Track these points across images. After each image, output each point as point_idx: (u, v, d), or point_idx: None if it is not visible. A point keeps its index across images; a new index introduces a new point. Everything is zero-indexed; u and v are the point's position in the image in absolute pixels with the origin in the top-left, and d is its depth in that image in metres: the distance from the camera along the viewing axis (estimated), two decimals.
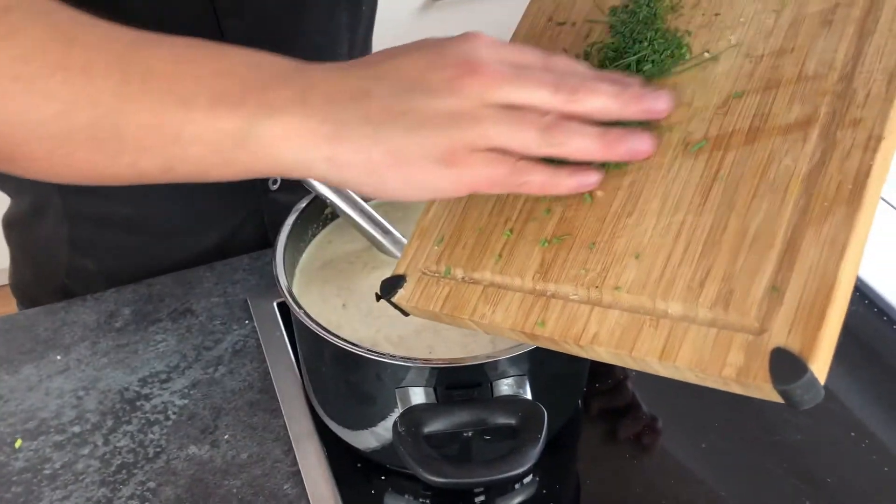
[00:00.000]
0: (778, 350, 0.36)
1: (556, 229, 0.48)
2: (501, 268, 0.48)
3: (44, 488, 0.59)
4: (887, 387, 0.65)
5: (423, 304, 0.51)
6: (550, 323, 0.45)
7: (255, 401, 0.65)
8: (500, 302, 0.47)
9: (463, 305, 0.49)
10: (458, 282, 0.50)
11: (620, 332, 0.42)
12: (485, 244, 0.50)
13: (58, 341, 0.71)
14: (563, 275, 0.46)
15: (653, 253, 0.43)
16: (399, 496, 0.59)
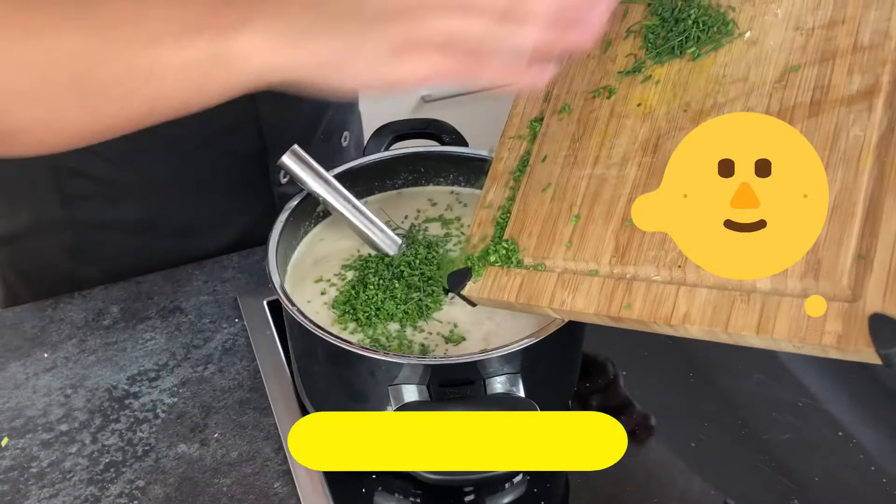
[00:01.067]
0: (876, 316, 0.37)
1: (627, 211, 0.48)
2: (574, 254, 0.49)
3: (31, 487, 0.59)
4: (874, 388, 0.66)
5: (496, 294, 0.51)
6: (637, 305, 0.45)
7: (245, 399, 0.65)
8: (578, 287, 0.48)
9: (539, 294, 0.49)
10: (529, 271, 0.51)
11: (712, 310, 0.42)
12: (552, 231, 0.50)
13: (45, 339, 0.70)
14: (642, 257, 0.46)
15: None
16: (389, 495, 0.59)
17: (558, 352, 0.57)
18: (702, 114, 0.48)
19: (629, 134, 0.51)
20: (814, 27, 0.46)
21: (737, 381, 0.66)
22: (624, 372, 0.67)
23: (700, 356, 0.69)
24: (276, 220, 0.61)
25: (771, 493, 0.58)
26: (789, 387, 0.65)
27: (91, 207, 0.75)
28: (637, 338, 0.70)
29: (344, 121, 0.85)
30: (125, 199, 0.76)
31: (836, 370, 0.67)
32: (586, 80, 0.56)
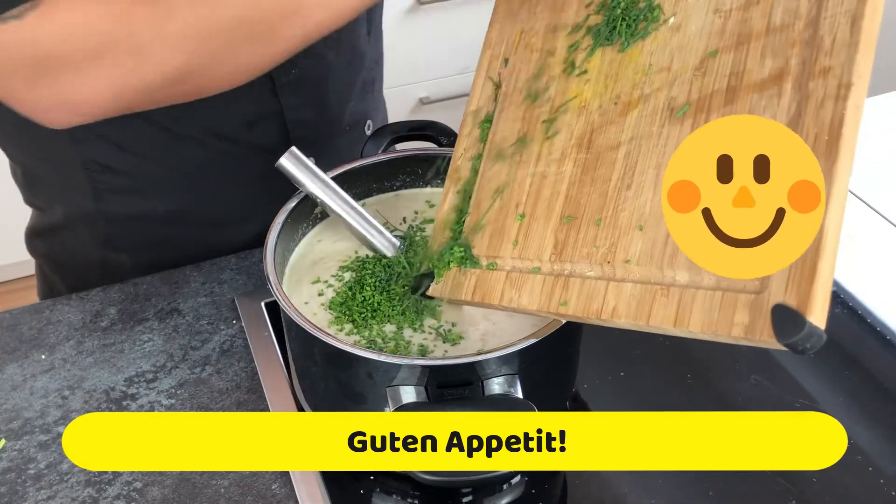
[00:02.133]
0: (778, 307, 0.38)
1: (564, 209, 0.49)
2: (520, 252, 0.50)
3: (28, 488, 0.59)
4: (872, 389, 0.66)
5: (455, 294, 0.53)
6: (572, 302, 0.46)
7: (243, 401, 0.65)
8: (523, 286, 0.49)
9: (491, 293, 0.51)
10: (483, 270, 0.52)
11: (636, 304, 0.43)
12: (501, 230, 0.52)
13: (42, 340, 0.70)
14: (577, 253, 0.47)
15: (655, 223, 0.44)
16: (387, 496, 0.59)
17: (556, 353, 0.57)
18: (629, 105, 0.48)
19: (566, 130, 0.52)
20: (731, 9, 0.45)
21: (734, 383, 0.66)
22: (622, 373, 0.67)
23: (698, 357, 0.69)
24: (273, 221, 0.61)
25: (769, 495, 0.58)
26: (787, 388, 0.66)
27: (121, 201, 0.77)
28: (635, 338, 0.70)
29: (366, 109, 0.86)
30: (154, 193, 0.77)
31: (833, 371, 0.67)
32: (531, 75, 0.56)
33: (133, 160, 0.75)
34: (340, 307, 0.58)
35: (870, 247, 0.80)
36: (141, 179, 0.76)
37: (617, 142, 0.47)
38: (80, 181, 0.75)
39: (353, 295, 0.58)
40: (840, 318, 0.72)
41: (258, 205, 0.78)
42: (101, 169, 0.75)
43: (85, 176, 0.75)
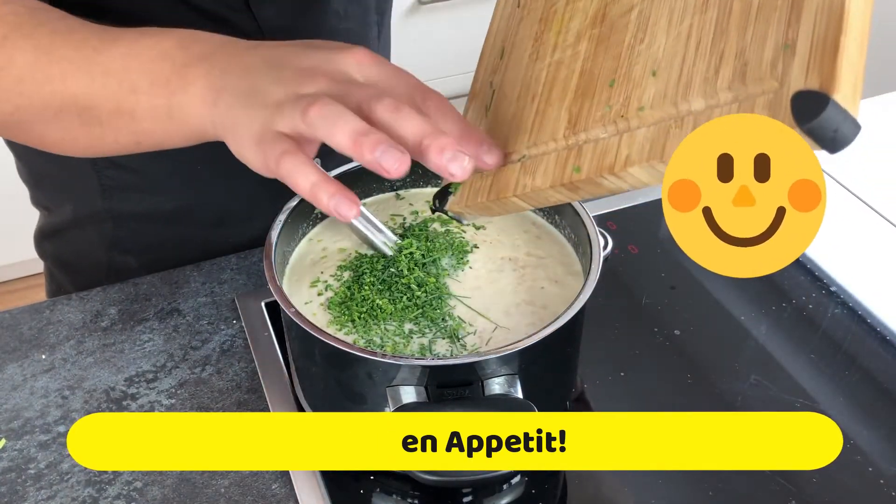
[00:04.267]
0: (797, 94, 0.35)
1: (578, 84, 0.48)
2: (534, 139, 0.49)
3: (28, 488, 0.59)
4: (871, 389, 0.66)
5: (472, 199, 0.52)
6: (585, 165, 0.45)
7: (244, 401, 0.65)
8: (537, 169, 0.48)
9: (505, 186, 0.49)
10: (497, 169, 0.51)
11: (649, 145, 0.42)
12: (517, 126, 0.51)
13: (43, 340, 0.70)
14: (590, 119, 0.46)
15: (668, 63, 0.43)
16: (387, 496, 0.59)
17: (556, 353, 0.57)
18: None
19: (581, 14, 0.51)
20: None
21: (734, 383, 0.66)
22: (622, 373, 0.67)
23: (698, 357, 0.69)
24: (274, 221, 0.61)
25: (768, 495, 0.58)
26: (786, 388, 0.66)
27: (129, 198, 0.78)
28: (635, 339, 0.70)
29: None
30: (161, 190, 0.78)
31: (833, 371, 0.67)
32: None
33: (141, 156, 0.75)
34: (340, 307, 0.58)
35: (870, 247, 0.80)
36: (148, 176, 0.77)
37: (630, 6, 0.46)
38: (88, 178, 0.76)
39: (352, 294, 0.58)
40: (840, 318, 0.72)
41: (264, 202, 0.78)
42: (109, 165, 0.75)
43: (93, 173, 0.76)
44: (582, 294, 0.54)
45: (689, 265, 0.78)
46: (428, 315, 0.57)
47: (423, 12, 1.88)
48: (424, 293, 0.58)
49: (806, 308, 0.73)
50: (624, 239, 0.79)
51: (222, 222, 0.80)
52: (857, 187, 0.86)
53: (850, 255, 0.79)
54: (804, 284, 0.75)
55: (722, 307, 0.73)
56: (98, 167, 0.75)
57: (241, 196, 0.79)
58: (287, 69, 0.48)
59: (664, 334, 0.70)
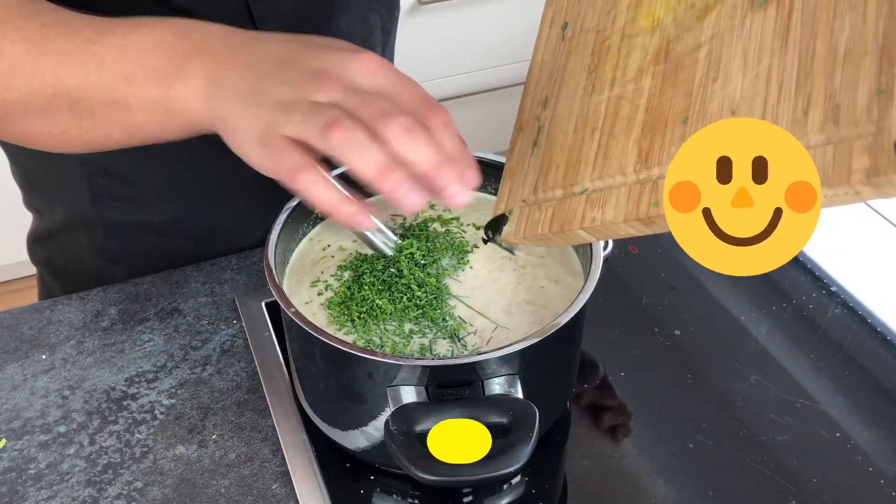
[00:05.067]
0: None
1: (646, 120, 0.48)
2: (600, 173, 0.49)
3: (29, 488, 0.59)
4: (871, 389, 0.66)
5: (530, 230, 0.52)
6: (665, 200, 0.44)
7: (244, 400, 0.65)
8: (606, 202, 0.48)
9: (571, 218, 0.49)
10: (559, 201, 0.51)
11: None
12: (577, 159, 0.51)
13: (43, 340, 0.70)
14: (664, 155, 0.46)
15: (748, 104, 0.43)
16: (388, 496, 0.59)
17: (556, 353, 0.57)
18: (707, 9, 0.48)
19: (640, 50, 0.51)
20: None
21: (734, 383, 0.66)
22: (622, 373, 0.67)
23: (697, 357, 0.69)
24: (275, 221, 0.61)
25: (769, 495, 0.58)
26: (787, 388, 0.66)
27: (119, 207, 0.77)
28: (635, 339, 0.70)
29: None
30: (152, 201, 0.77)
31: (833, 371, 0.67)
32: (596, 15, 0.56)
33: (133, 166, 0.75)
34: (339, 307, 0.58)
35: (870, 247, 0.80)
36: (140, 186, 0.76)
37: (696, 44, 0.47)
38: (79, 184, 0.75)
39: (352, 294, 0.58)
40: (840, 318, 0.72)
41: (255, 221, 0.78)
42: (101, 173, 0.75)
43: (84, 179, 0.75)
44: (582, 294, 0.54)
45: (689, 265, 0.78)
46: (428, 315, 0.57)
47: (423, 12, 1.88)
48: (425, 293, 0.58)
49: (806, 308, 0.73)
50: (624, 239, 0.79)
51: (212, 238, 0.79)
52: None
53: (850, 255, 0.79)
54: (804, 284, 0.75)
55: (722, 307, 0.73)
56: (89, 174, 0.75)
57: (232, 213, 0.78)
58: (295, 69, 0.48)
59: (664, 334, 0.70)
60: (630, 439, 0.62)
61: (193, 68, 0.50)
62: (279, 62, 0.49)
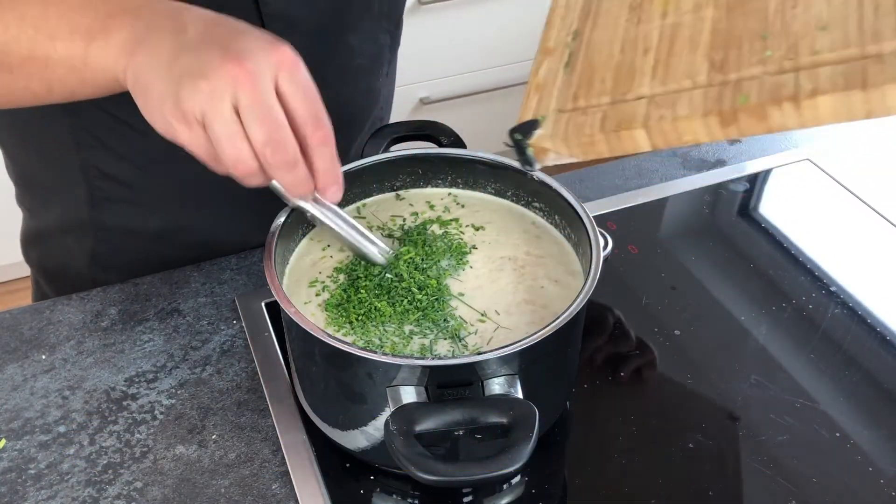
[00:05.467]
0: None
1: (713, 41, 0.48)
2: (661, 80, 0.48)
3: (28, 488, 0.59)
4: (871, 389, 0.66)
5: (575, 133, 0.50)
6: (754, 95, 0.44)
7: (244, 401, 0.65)
8: (677, 102, 0.47)
9: (629, 119, 0.48)
10: (609, 106, 0.50)
11: (843, 78, 0.41)
12: (629, 73, 0.50)
13: (43, 340, 0.70)
14: (744, 62, 0.45)
15: (841, 21, 0.43)
16: (387, 496, 0.59)
17: (556, 353, 0.57)
18: None
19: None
20: None
21: (734, 383, 0.66)
22: (622, 373, 0.67)
23: (697, 358, 0.69)
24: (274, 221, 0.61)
25: (769, 495, 0.58)
26: (786, 388, 0.66)
27: (116, 211, 0.77)
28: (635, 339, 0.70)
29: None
30: (150, 207, 0.77)
31: (833, 371, 0.67)
32: None
33: (134, 171, 0.74)
34: (337, 309, 0.58)
35: (870, 247, 0.80)
36: (139, 191, 0.76)
37: None
38: (77, 186, 0.75)
39: (349, 297, 0.58)
40: (840, 318, 0.72)
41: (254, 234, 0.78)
42: (100, 176, 0.74)
43: (83, 181, 0.75)
44: (582, 294, 0.54)
45: (689, 265, 0.78)
46: (429, 317, 0.57)
47: (423, 12, 1.88)
48: (426, 296, 0.58)
49: (806, 308, 0.73)
50: (624, 239, 0.79)
51: (206, 247, 0.79)
52: (857, 187, 0.86)
53: (850, 255, 0.79)
54: (804, 284, 0.75)
55: (722, 307, 0.73)
56: (89, 176, 0.74)
57: (232, 225, 0.78)
58: (214, 47, 0.49)
59: (664, 334, 0.70)
60: (630, 439, 0.62)
61: (117, 26, 0.52)
62: (202, 36, 0.50)
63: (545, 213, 0.66)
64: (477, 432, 0.51)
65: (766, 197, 0.87)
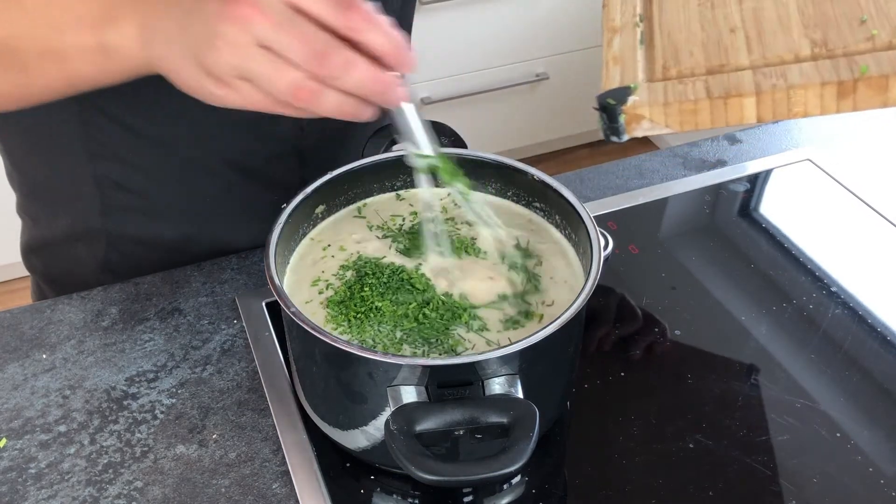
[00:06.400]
0: None
1: (804, 20, 0.48)
2: (762, 55, 0.48)
3: (29, 487, 0.59)
4: (871, 389, 0.66)
5: (677, 97, 0.49)
6: (873, 66, 0.44)
7: (244, 400, 0.65)
8: (786, 72, 0.47)
9: (737, 84, 0.48)
10: (707, 76, 0.49)
11: None
12: (718, 48, 0.50)
13: (44, 340, 0.70)
14: (850, 41, 0.45)
15: None
16: (388, 496, 0.59)
17: (556, 353, 0.57)
18: None
19: None
20: None
21: (734, 383, 0.66)
22: (622, 373, 0.67)
23: (698, 357, 0.69)
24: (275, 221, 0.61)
25: (769, 495, 0.58)
26: (787, 388, 0.66)
27: (129, 221, 0.76)
28: (635, 340, 0.70)
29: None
30: (162, 217, 0.77)
31: (833, 371, 0.67)
32: None
33: (146, 182, 0.74)
34: (339, 306, 0.58)
35: (870, 247, 0.80)
36: (152, 200, 0.76)
37: None
38: (89, 196, 0.75)
39: (352, 294, 0.58)
40: (840, 318, 0.72)
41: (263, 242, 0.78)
42: (113, 186, 0.74)
43: (95, 191, 0.74)
44: (582, 294, 0.54)
45: (690, 265, 0.78)
46: (423, 334, 0.57)
47: (423, 12, 1.88)
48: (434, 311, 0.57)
49: (806, 308, 0.73)
50: (624, 239, 0.79)
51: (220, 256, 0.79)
52: (857, 187, 0.86)
53: (850, 255, 0.79)
54: (804, 284, 0.75)
55: (722, 307, 0.73)
56: (101, 186, 0.74)
57: (245, 233, 0.78)
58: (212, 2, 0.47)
59: (664, 334, 0.70)
60: (630, 439, 0.62)
61: (122, 12, 0.51)
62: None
63: (545, 212, 0.66)
64: (477, 432, 0.51)
65: (766, 197, 0.87)
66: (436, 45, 1.98)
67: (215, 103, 0.49)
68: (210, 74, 0.47)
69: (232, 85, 0.47)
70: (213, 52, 0.46)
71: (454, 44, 2.01)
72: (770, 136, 0.95)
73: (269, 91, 0.47)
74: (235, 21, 0.45)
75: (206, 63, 0.47)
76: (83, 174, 0.73)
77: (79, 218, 0.77)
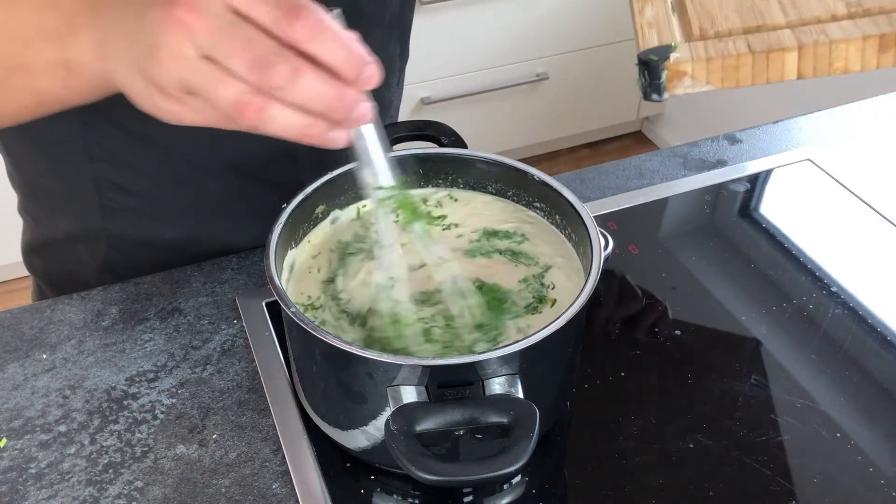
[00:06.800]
0: None
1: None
2: (799, 15, 0.49)
3: (29, 487, 0.59)
4: (872, 389, 0.66)
5: (718, 51, 0.49)
6: None
7: (244, 400, 0.65)
8: (827, 29, 0.47)
9: (778, 40, 0.48)
10: (747, 34, 0.50)
11: None
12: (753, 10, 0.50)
13: (44, 340, 0.70)
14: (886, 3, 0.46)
15: None
16: (388, 496, 0.59)
17: (556, 353, 0.57)
18: None
19: None
20: None
21: (734, 383, 0.66)
22: (622, 373, 0.67)
23: (698, 357, 0.69)
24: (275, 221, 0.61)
25: (769, 495, 0.58)
26: (787, 388, 0.66)
27: (129, 222, 0.76)
28: (635, 340, 0.70)
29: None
30: (162, 218, 0.77)
31: (833, 371, 0.67)
32: None
33: (146, 183, 0.74)
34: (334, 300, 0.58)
35: (870, 247, 0.80)
36: (152, 202, 0.76)
37: None
38: (88, 196, 0.75)
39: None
40: (840, 318, 0.72)
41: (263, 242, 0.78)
42: (112, 187, 0.74)
43: (95, 192, 0.74)
44: (582, 294, 0.54)
45: (690, 265, 0.78)
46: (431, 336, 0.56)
47: (423, 12, 1.88)
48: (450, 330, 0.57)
49: (806, 308, 0.73)
50: (624, 239, 0.79)
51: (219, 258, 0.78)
52: (857, 187, 0.86)
53: (850, 255, 0.79)
54: (804, 284, 0.75)
55: (722, 307, 0.73)
56: (101, 188, 0.74)
57: (246, 234, 0.78)
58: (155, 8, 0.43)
59: (664, 334, 0.70)
60: (630, 439, 0.62)
61: (81, 24, 0.48)
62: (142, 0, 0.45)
63: (545, 212, 0.66)
64: (477, 432, 0.51)
65: (766, 197, 0.87)
66: (436, 45, 1.98)
67: (169, 121, 0.46)
68: (160, 90, 0.44)
69: (181, 100, 0.44)
70: (156, 65, 0.43)
71: (454, 44, 2.02)
72: (770, 135, 0.95)
73: (214, 104, 0.43)
74: (176, 29, 0.41)
75: (153, 77, 0.43)
76: (82, 175, 0.73)
77: (80, 218, 0.77)
